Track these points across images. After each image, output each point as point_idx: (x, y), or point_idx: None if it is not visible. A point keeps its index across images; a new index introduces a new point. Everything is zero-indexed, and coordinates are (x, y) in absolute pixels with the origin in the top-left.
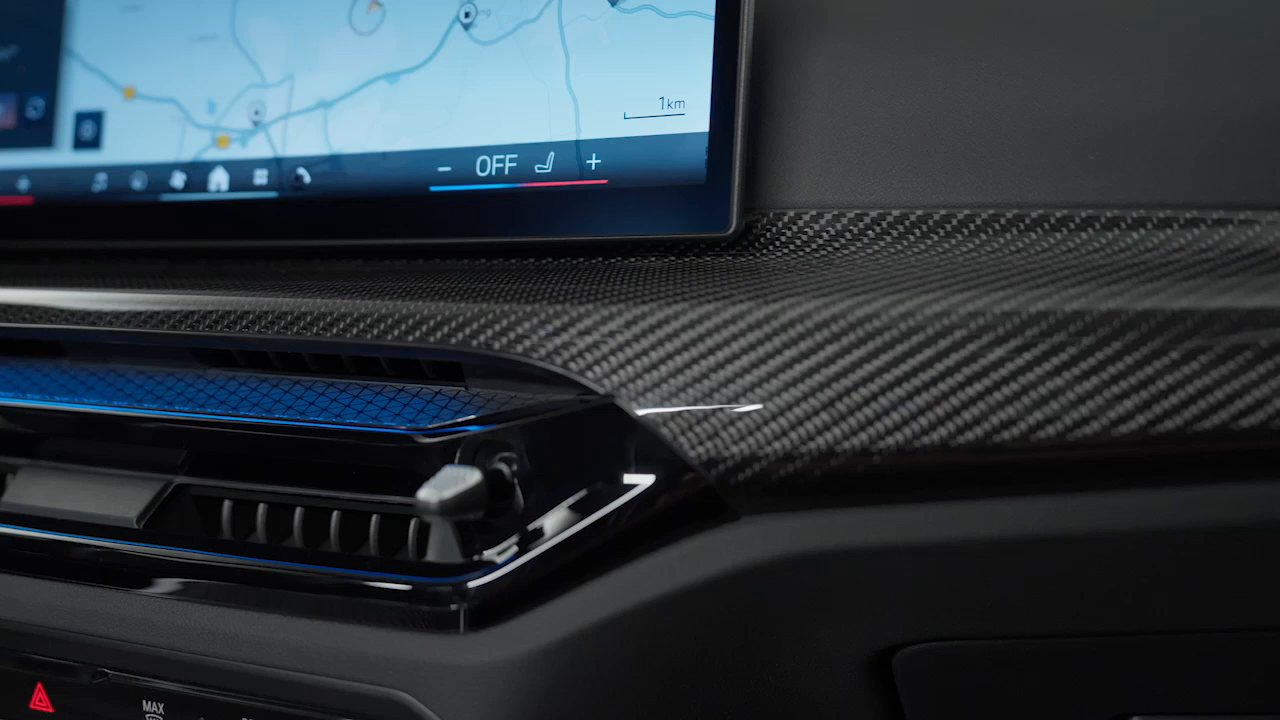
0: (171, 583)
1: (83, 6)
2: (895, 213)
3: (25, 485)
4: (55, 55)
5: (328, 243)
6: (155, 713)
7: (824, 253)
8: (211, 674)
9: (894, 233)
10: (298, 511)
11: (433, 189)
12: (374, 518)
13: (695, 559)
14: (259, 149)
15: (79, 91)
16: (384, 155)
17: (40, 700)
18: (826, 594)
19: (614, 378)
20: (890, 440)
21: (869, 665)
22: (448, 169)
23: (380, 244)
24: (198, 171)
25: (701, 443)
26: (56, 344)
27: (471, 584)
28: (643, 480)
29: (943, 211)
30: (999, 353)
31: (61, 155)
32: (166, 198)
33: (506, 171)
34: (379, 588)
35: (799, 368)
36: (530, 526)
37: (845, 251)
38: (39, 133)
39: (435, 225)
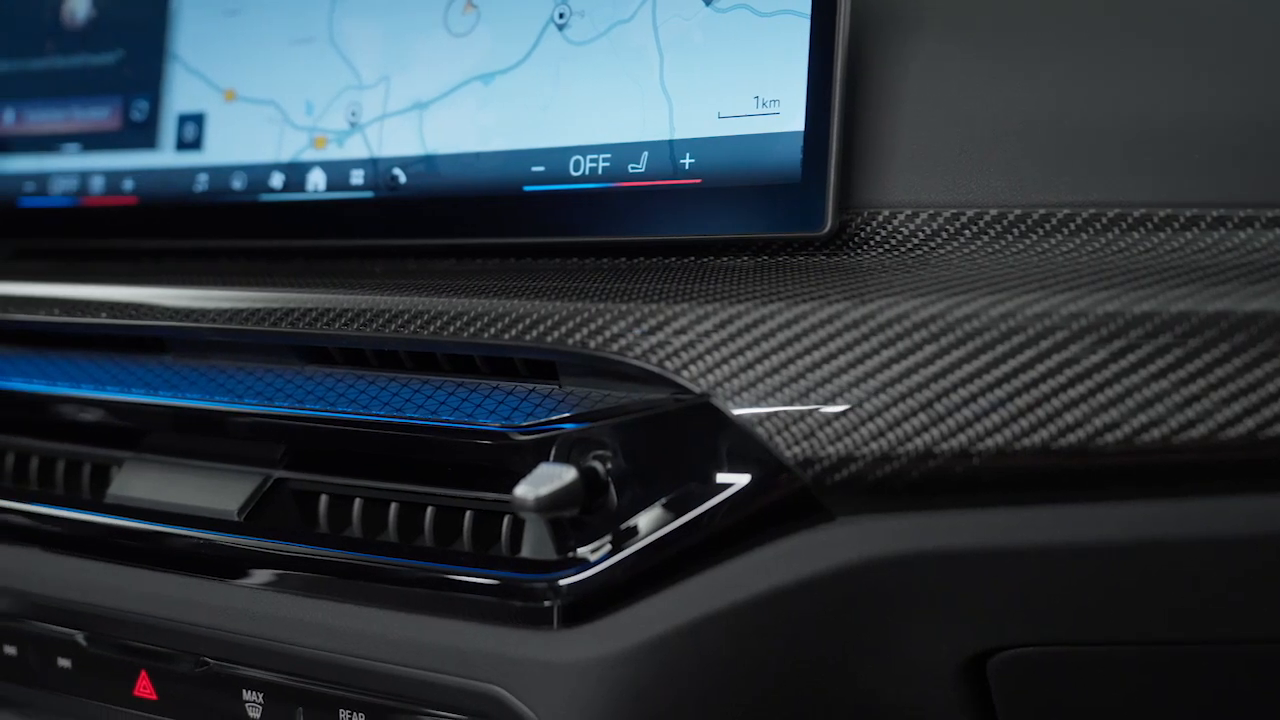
0: (271, 574)
1: (185, 11)
2: (993, 212)
3: (130, 477)
4: (159, 59)
5: (422, 242)
6: (255, 702)
7: (919, 252)
8: (310, 665)
9: (991, 232)
10: (393, 506)
11: (526, 189)
12: (468, 513)
13: (790, 559)
14: (355, 149)
15: (181, 94)
16: (478, 155)
17: (144, 687)
18: (922, 596)
19: (709, 377)
20: (990, 442)
21: (963, 670)
22: (541, 169)
23: (474, 243)
24: (296, 172)
25: (797, 442)
26: (160, 340)
27: (566, 581)
28: (738, 479)
29: (1041, 211)
30: (1102, 354)
31: (164, 156)
32: (265, 198)
33: (600, 171)
34: (474, 583)
35: (896, 368)
36: (624, 524)
37: (941, 251)
38: (143, 134)
39: (528, 225)
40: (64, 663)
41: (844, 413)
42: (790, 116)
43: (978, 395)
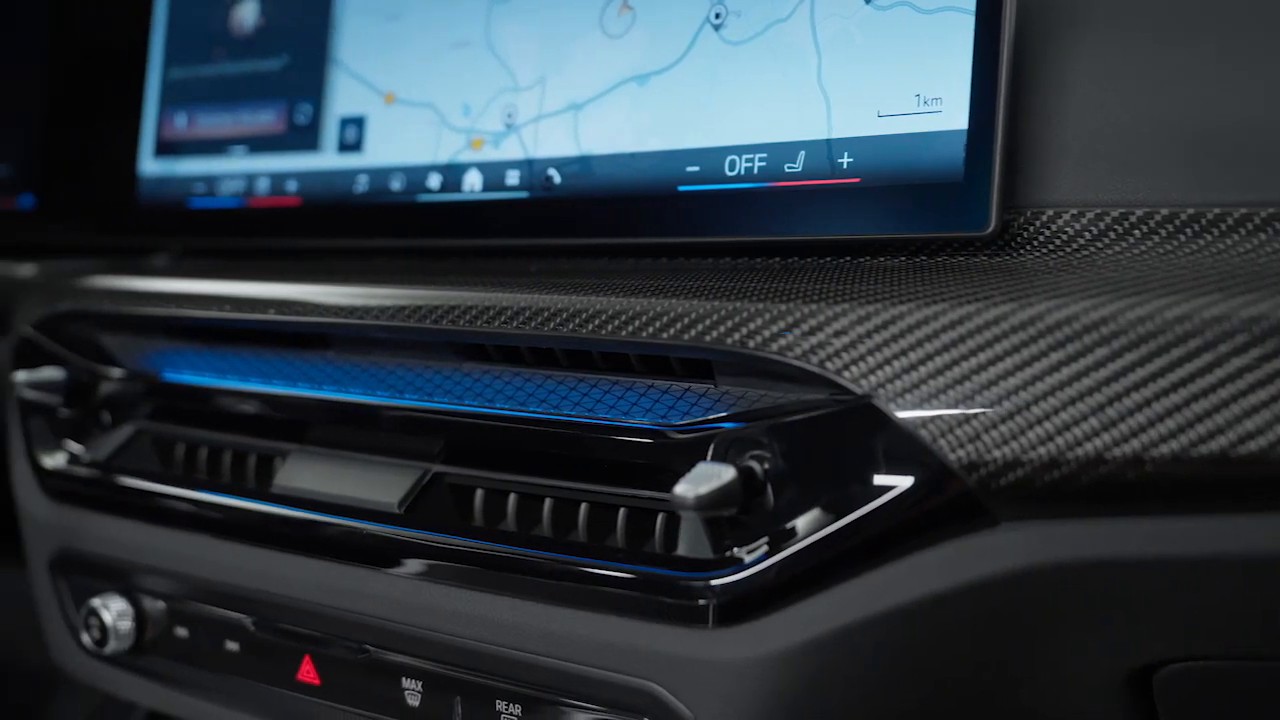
0: (430, 565)
1: (348, 18)
2: (1164, 212)
3: (295, 469)
4: (322, 64)
5: (577, 241)
6: (414, 690)
7: (1086, 253)
8: (467, 655)
9: (1162, 232)
10: (547, 502)
11: (681, 189)
12: (621, 510)
13: (951, 564)
14: (511, 150)
15: (343, 98)
16: (633, 156)
17: (308, 672)
18: (1087, 606)
19: (872, 378)
20: (1164, 448)
21: (1127, 683)
22: (696, 169)
23: (629, 243)
24: (453, 173)
25: (962, 445)
26: (323, 336)
27: (722, 580)
28: (900, 482)
29: (1216, 210)
30: None
31: (326, 158)
32: (423, 198)
33: (756, 171)
34: (629, 579)
35: (1066, 371)
36: (782, 525)
37: (1109, 252)
38: (306, 137)
39: (683, 224)
40: (232, 646)
41: (1011, 416)
42: (953, 114)
43: (1152, 400)
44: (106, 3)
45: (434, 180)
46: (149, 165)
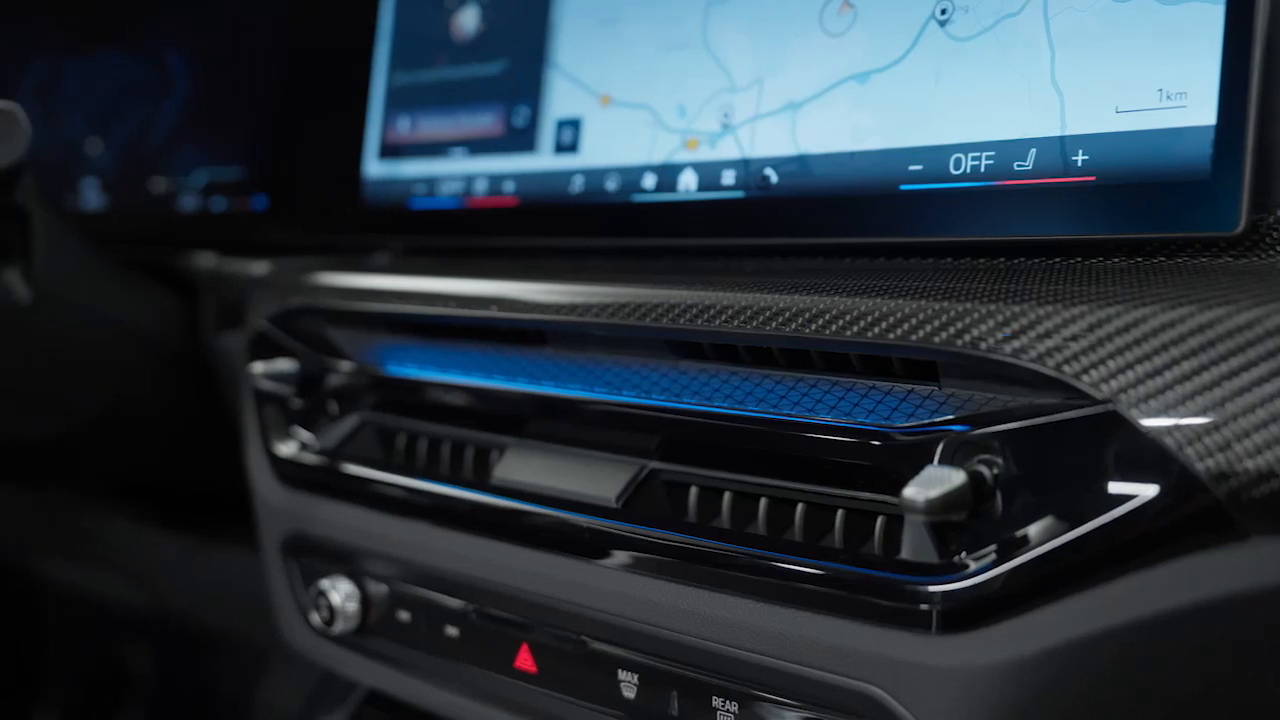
0: (646, 560)
1: (566, 22)
2: None
3: (513, 461)
4: (539, 67)
5: (794, 241)
6: (629, 683)
7: None
8: (683, 650)
9: None
10: (762, 501)
11: (903, 188)
12: (839, 512)
13: (1195, 578)
14: (727, 150)
15: (560, 100)
16: (852, 155)
17: (524, 660)
18: None
19: (1113, 382)
20: None
21: None
22: (919, 167)
23: (849, 242)
24: (667, 173)
25: (1211, 454)
26: (540, 333)
27: (949, 586)
28: (1142, 492)
29: None
30: None
31: (543, 159)
32: (637, 198)
33: (982, 169)
34: (849, 580)
35: None
36: (1012, 533)
37: None
38: (524, 139)
39: (905, 224)
40: (451, 631)
41: (1265, 425)
42: (1198, 110)
43: None
44: (335, 12)
45: (649, 180)
46: (373, 167)
